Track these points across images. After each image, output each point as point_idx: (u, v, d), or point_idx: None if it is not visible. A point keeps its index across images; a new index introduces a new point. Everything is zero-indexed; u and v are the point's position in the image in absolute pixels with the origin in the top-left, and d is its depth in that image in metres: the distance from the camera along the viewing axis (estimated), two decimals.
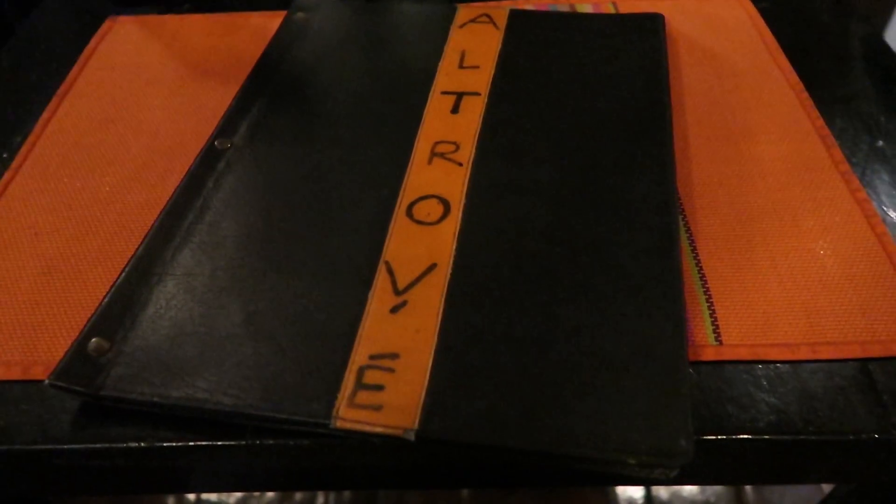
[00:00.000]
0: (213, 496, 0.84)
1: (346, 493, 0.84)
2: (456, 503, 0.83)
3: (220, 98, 0.43)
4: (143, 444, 0.27)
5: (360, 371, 0.27)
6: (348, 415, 0.26)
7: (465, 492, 0.84)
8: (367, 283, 0.31)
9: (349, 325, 0.29)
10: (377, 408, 0.26)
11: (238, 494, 0.84)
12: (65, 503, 0.78)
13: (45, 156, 0.39)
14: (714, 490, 0.84)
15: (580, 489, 0.84)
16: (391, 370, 0.28)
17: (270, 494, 0.84)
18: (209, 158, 0.37)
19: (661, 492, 0.84)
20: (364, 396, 0.27)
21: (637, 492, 0.84)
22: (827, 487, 0.82)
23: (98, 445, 0.27)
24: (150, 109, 0.42)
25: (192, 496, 0.84)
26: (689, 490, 0.84)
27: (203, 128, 0.41)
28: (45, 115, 0.42)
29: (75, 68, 0.45)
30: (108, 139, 0.40)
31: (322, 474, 0.31)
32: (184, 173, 0.37)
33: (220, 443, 0.27)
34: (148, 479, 0.30)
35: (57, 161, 0.39)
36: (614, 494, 0.84)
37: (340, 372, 0.27)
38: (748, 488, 0.84)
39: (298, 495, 0.85)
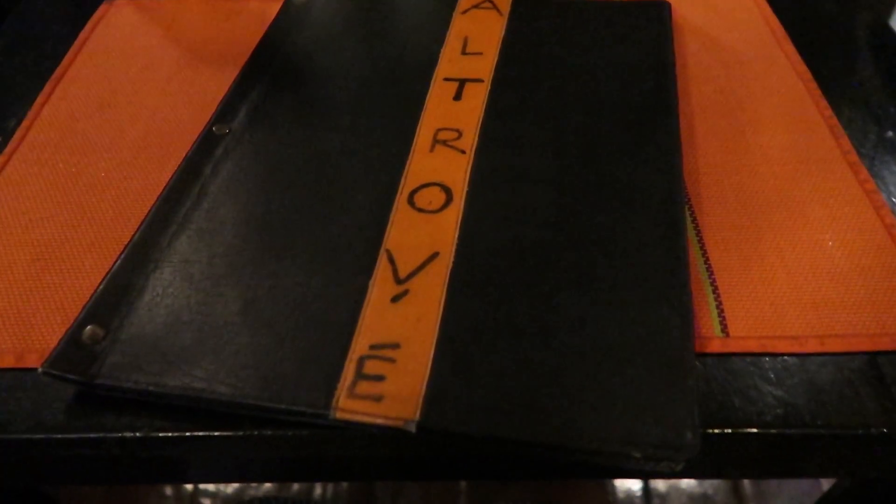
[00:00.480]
0: (210, 486, 0.84)
1: (345, 484, 0.84)
2: (454, 493, 0.82)
3: (218, 83, 0.42)
4: (138, 434, 0.27)
5: (361, 361, 0.27)
6: (348, 405, 0.26)
7: (463, 482, 0.84)
8: (368, 271, 0.30)
9: (349, 314, 0.29)
10: (377, 398, 0.26)
11: (235, 484, 0.84)
12: (62, 492, 0.77)
13: (39, 141, 0.39)
14: (712, 482, 0.84)
15: (578, 480, 0.84)
16: (392, 360, 0.27)
17: (268, 484, 0.84)
18: (207, 144, 0.36)
19: (659, 484, 0.84)
20: (364, 387, 0.26)
21: (635, 484, 0.84)
22: (826, 481, 0.82)
23: (92, 435, 0.27)
24: (146, 94, 0.42)
25: (189, 485, 0.84)
26: (687, 482, 0.84)
27: (201, 113, 0.40)
28: (39, 99, 0.41)
29: (71, 52, 0.45)
30: (104, 124, 0.40)
31: (321, 465, 0.30)
32: (181, 159, 0.36)
33: (216, 433, 0.27)
34: (144, 469, 0.30)
35: (52, 146, 0.38)
36: (612, 486, 0.84)
37: (340, 362, 0.27)
38: (746, 481, 0.84)
39: (296, 485, 0.84)
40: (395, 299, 0.29)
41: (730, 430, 0.27)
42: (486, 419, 0.25)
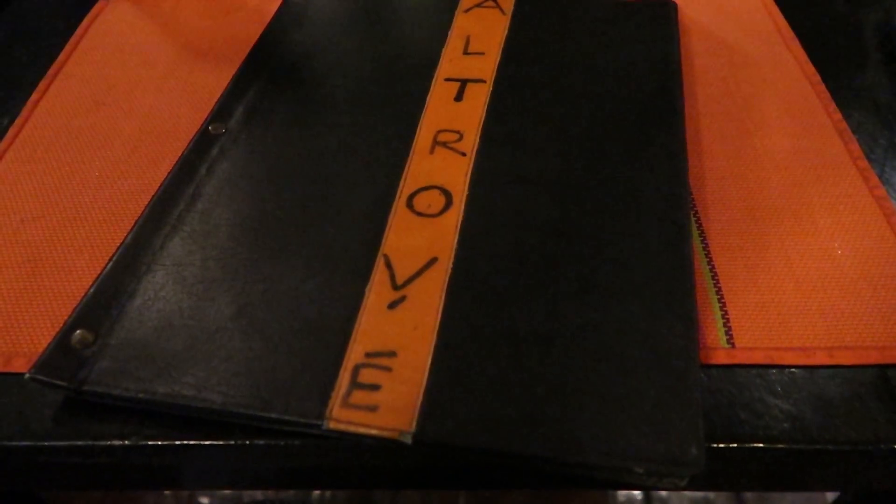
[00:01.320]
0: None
1: None
2: (453, 498, 0.82)
3: (215, 81, 0.41)
4: (126, 442, 0.26)
5: (356, 369, 0.26)
6: (342, 415, 0.25)
7: None
8: (365, 276, 0.29)
9: (345, 320, 0.28)
10: (372, 408, 0.25)
11: None
12: (58, 498, 0.77)
13: (32, 139, 0.38)
14: None
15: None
16: (388, 369, 0.26)
17: None
18: (202, 144, 0.35)
19: None
20: (359, 396, 0.25)
21: None
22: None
23: (80, 443, 0.26)
24: (143, 92, 0.41)
25: None
26: None
27: (197, 112, 0.40)
28: (34, 96, 0.41)
29: (67, 48, 0.44)
30: (99, 122, 0.39)
31: (314, 474, 0.30)
32: (176, 158, 0.35)
33: (207, 442, 0.26)
34: (134, 477, 0.29)
35: (45, 145, 0.38)
36: (612, 490, 0.83)
37: (335, 370, 0.26)
38: None
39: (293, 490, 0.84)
40: (391, 305, 0.28)
41: (735, 445, 0.26)
42: (483, 431, 0.25)
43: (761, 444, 0.26)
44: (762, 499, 0.82)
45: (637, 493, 0.83)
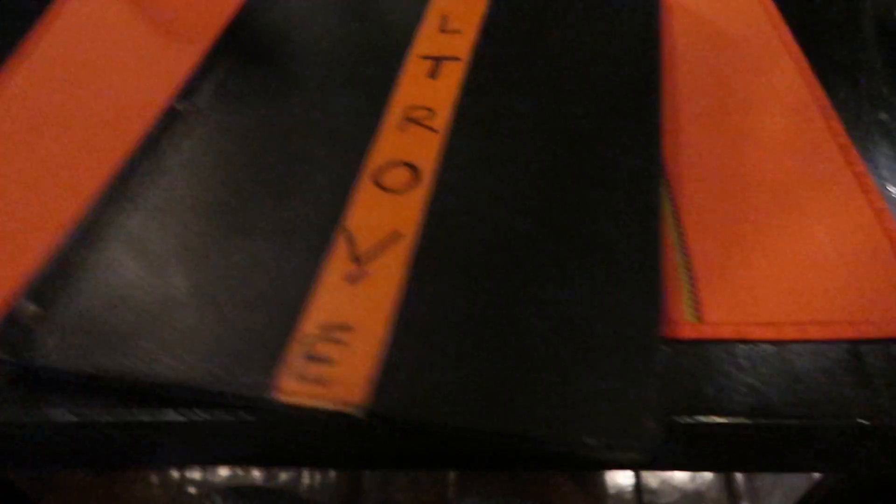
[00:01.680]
0: (196, 474, 0.82)
1: (332, 473, 0.83)
2: (443, 484, 0.81)
3: (189, 60, 0.41)
4: (76, 419, 0.26)
5: (308, 342, 0.26)
6: (291, 387, 0.24)
7: (451, 472, 0.82)
8: (324, 250, 0.29)
9: (299, 292, 0.27)
10: (324, 381, 0.24)
11: (223, 472, 0.83)
12: (42, 483, 0.77)
13: None
14: (704, 478, 0.82)
15: (569, 473, 0.82)
16: (342, 342, 0.26)
17: (256, 473, 0.83)
18: (168, 120, 0.35)
19: (650, 480, 0.82)
20: (310, 368, 0.25)
21: (626, 479, 0.82)
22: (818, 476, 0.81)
23: (28, 420, 0.26)
24: (113, 71, 0.40)
25: (175, 473, 0.83)
26: (679, 478, 0.83)
27: (170, 91, 0.39)
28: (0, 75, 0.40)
29: (36, 26, 0.43)
30: (67, 101, 0.38)
31: (276, 452, 0.29)
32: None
33: (159, 419, 0.26)
34: (90, 455, 0.29)
35: (9, 123, 0.37)
36: (602, 481, 0.82)
37: (285, 341, 0.26)
38: (738, 476, 0.83)
39: (284, 475, 0.83)
40: (350, 280, 0.28)
41: (699, 419, 0.25)
42: (436, 406, 0.24)
43: (725, 419, 0.25)
44: (754, 490, 0.82)
45: (627, 483, 0.82)
